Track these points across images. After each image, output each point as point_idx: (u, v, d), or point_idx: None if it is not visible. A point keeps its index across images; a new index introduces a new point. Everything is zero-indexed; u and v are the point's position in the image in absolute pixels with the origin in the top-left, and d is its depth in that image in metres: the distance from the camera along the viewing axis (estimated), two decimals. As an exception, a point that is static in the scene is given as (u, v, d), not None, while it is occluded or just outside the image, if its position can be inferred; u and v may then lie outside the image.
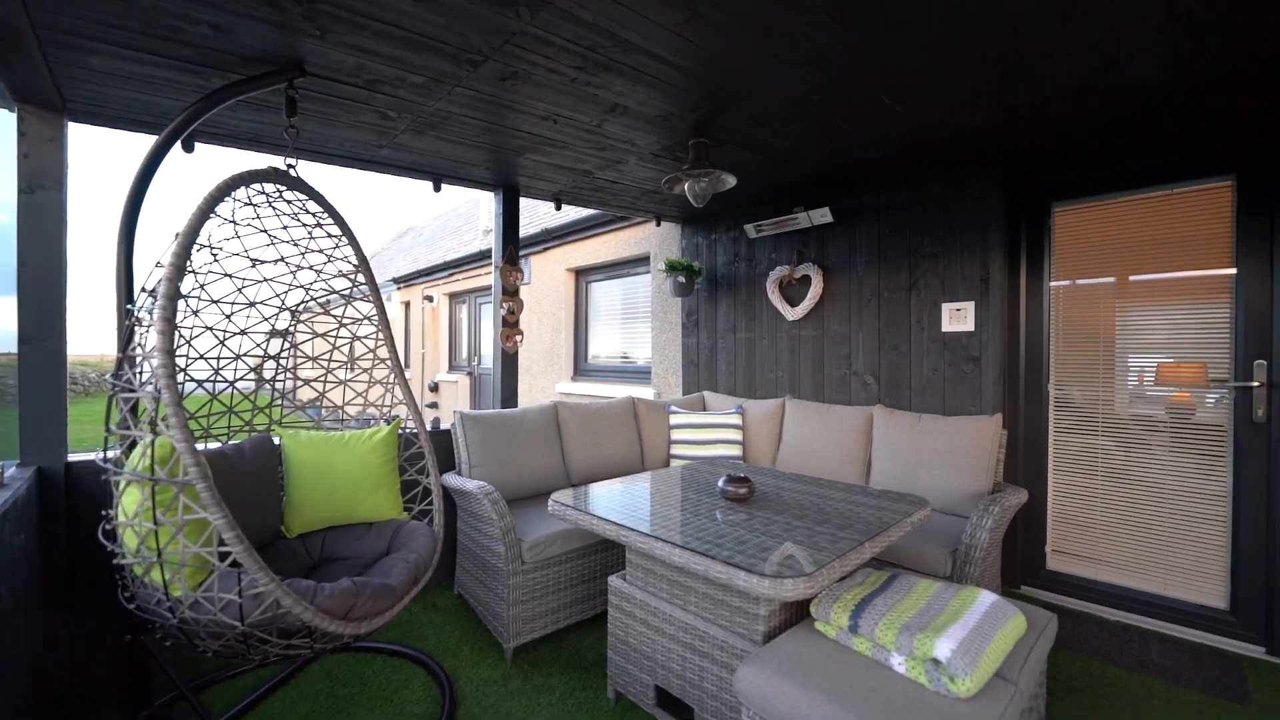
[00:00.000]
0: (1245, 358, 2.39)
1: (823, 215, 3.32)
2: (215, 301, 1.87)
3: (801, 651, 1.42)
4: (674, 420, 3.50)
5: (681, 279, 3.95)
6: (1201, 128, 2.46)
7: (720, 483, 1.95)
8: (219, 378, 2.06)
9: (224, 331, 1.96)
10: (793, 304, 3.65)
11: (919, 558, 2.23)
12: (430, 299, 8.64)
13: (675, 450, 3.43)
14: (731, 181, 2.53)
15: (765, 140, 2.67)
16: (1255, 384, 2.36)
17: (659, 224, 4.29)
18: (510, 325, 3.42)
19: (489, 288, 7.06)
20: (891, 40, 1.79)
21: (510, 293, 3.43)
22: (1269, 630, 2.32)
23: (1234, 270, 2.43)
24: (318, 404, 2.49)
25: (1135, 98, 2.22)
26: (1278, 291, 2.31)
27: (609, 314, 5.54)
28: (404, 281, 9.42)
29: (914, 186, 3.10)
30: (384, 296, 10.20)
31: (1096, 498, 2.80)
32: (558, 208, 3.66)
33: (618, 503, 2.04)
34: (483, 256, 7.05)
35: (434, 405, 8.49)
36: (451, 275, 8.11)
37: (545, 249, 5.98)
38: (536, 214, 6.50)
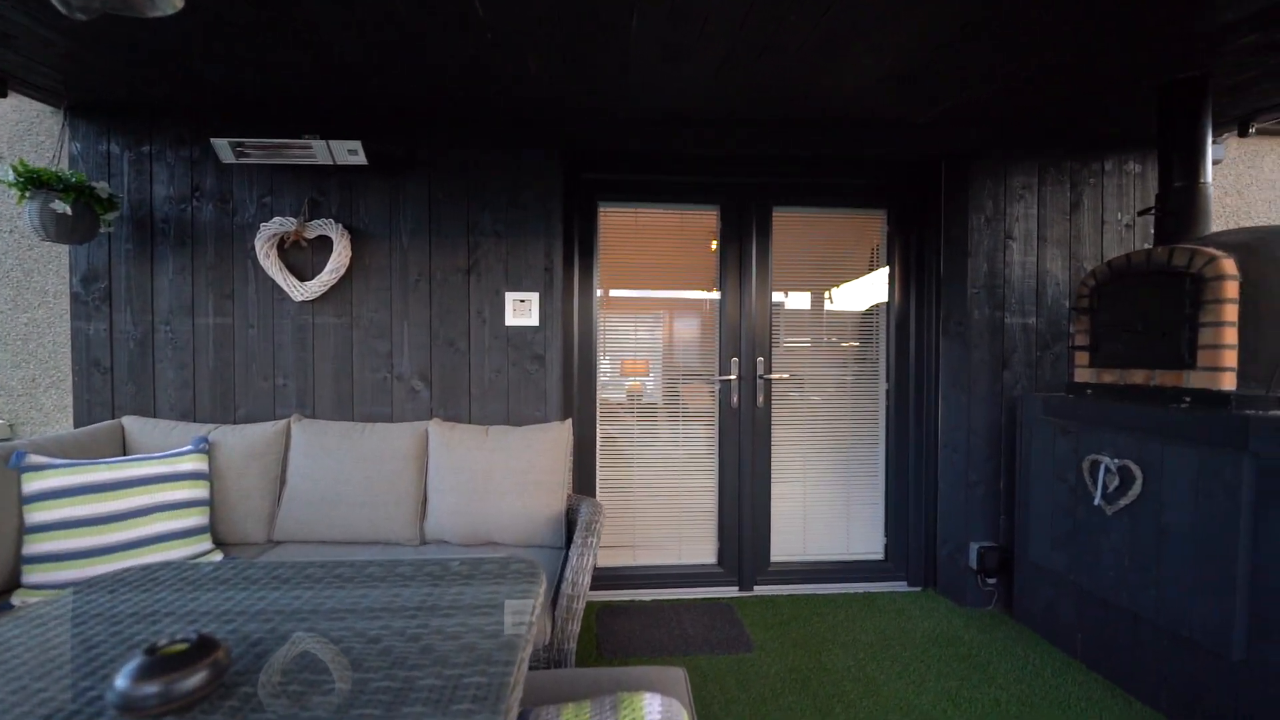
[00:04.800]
0: (725, 358, 2.94)
1: (352, 152, 2.32)
2: None
3: None
4: (35, 485, 1.74)
5: (64, 208, 2.09)
6: (699, 154, 2.85)
7: (120, 681, 0.76)
8: None
9: None
10: (303, 277, 2.47)
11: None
12: None
13: (39, 547, 1.70)
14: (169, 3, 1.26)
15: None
16: (732, 377, 2.93)
17: (4, 93, 2.18)
18: None
19: None
20: None
21: None
22: (740, 572, 2.92)
23: (718, 294, 2.94)
24: None
25: (684, 107, 2.32)
26: (744, 309, 2.92)
27: None
28: None
29: (479, 148, 2.53)
30: None
31: (628, 488, 2.95)
32: None
33: None
34: None
35: None
36: None
37: None
38: None
